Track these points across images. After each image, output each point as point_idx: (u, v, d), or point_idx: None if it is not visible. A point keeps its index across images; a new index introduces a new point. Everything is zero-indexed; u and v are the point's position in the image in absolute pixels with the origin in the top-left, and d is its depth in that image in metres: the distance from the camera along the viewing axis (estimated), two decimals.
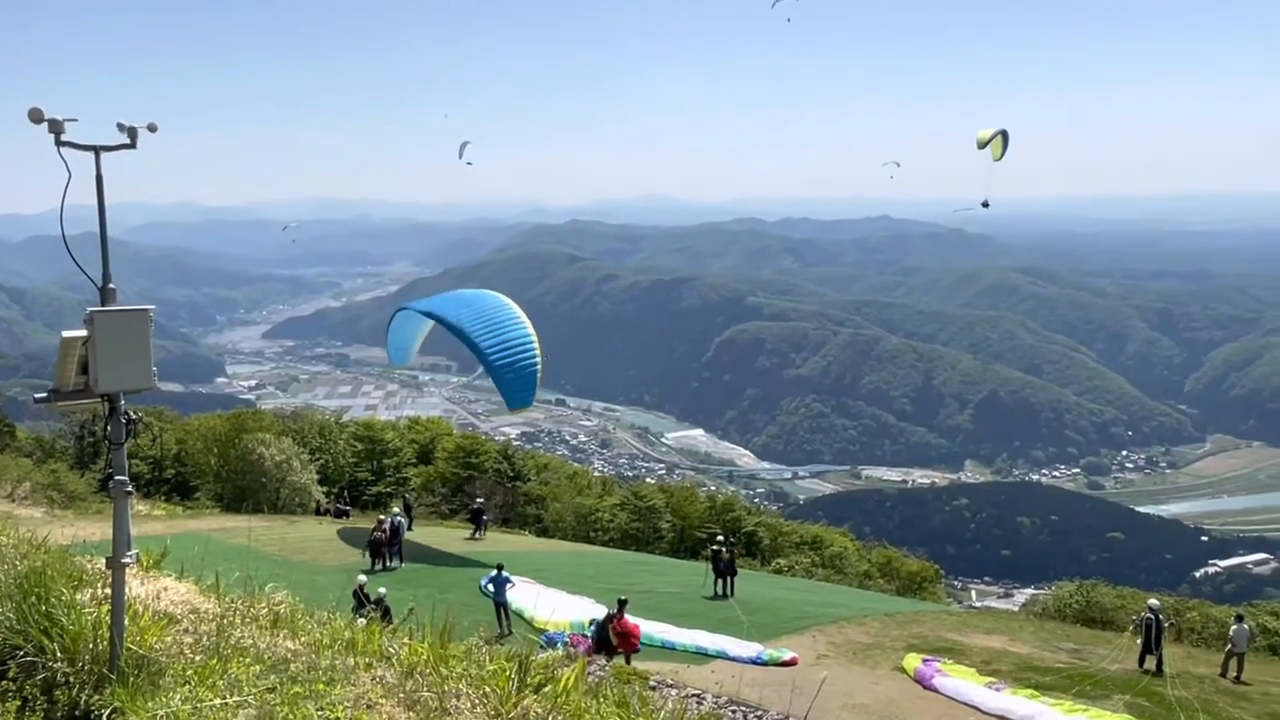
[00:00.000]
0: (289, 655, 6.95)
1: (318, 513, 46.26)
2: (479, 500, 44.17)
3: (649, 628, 24.25)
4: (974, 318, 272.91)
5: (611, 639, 20.57)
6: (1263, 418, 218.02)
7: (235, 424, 50.99)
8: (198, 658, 6.60)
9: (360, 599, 21.04)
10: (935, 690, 21.03)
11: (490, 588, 25.62)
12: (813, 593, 35.66)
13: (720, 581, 29.99)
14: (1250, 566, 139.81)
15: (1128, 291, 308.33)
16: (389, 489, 53.54)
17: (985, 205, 36.55)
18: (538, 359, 32.44)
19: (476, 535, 40.58)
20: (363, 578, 23.51)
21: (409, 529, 40.19)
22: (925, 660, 22.46)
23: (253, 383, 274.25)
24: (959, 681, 21.13)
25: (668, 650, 23.08)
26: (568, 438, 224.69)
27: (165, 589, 8.70)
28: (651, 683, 19.64)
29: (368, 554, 31.81)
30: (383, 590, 21.93)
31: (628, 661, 20.57)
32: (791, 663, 22.35)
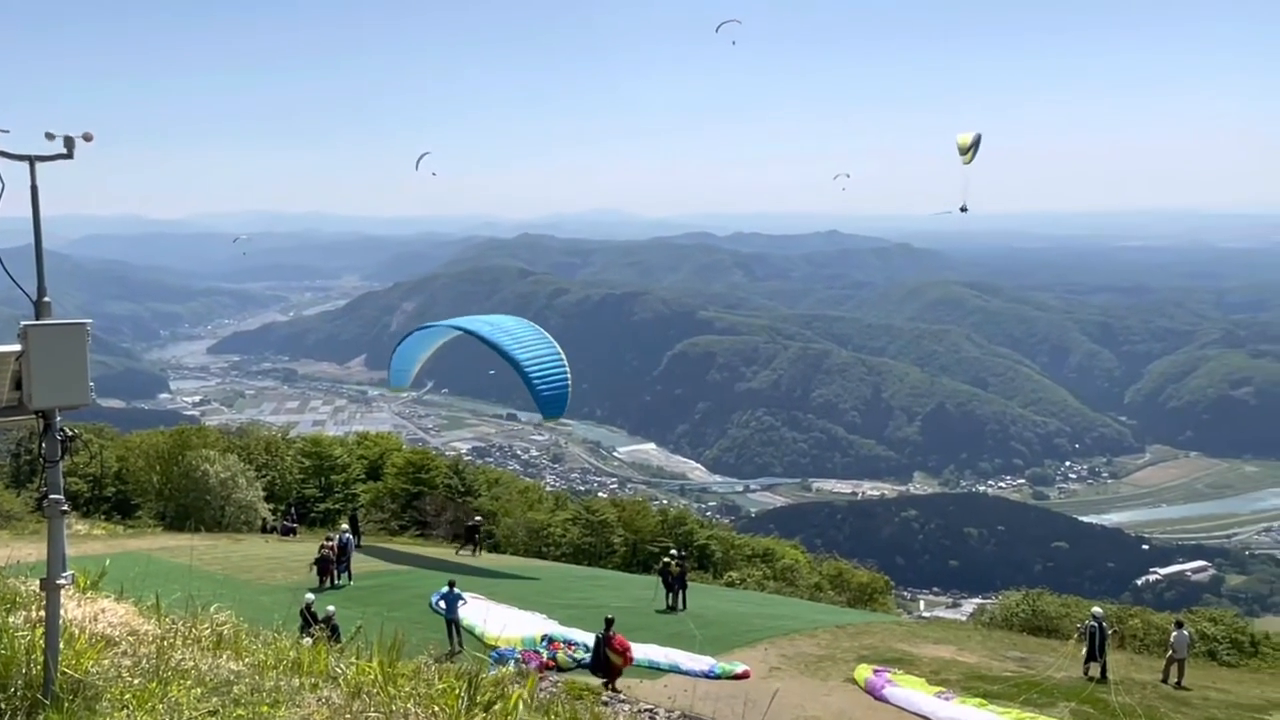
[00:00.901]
0: (232, 677, 6.82)
1: (263, 530, 45.48)
2: (477, 517, 44.65)
3: None
4: (921, 331, 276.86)
5: (614, 659, 20.46)
6: (1199, 428, 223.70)
7: (178, 441, 49.98)
8: (136, 681, 6.44)
9: (307, 618, 20.70)
10: (886, 701, 21.17)
11: (441, 605, 25.33)
12: (765, 605, 35.76)
13: (672, 595, 29.96)
14: (1189, 574, 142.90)
15: (1070, 305, 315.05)
16: (337, 505, 52.80)
17: (963, 210, 37.06)
18: (568, 373, 33.68)
19: (471, 551, 40.95)
20: (310, 596, 23.14)
21: (357, 545, 39.77)
22: (876, 671, 22.61)
23: (197, 399, 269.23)
24: (909, 692, 21.30)
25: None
26: (519, 452, 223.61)
27: (103, 610, 8.49)
28: (604, 698, 19.55)
29: (315, 572, 31.33)
30: (331, 609, 21.59)
31: (615, 680, 20.51)
32: (744, 676, 22.37)
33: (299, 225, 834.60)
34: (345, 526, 36.11)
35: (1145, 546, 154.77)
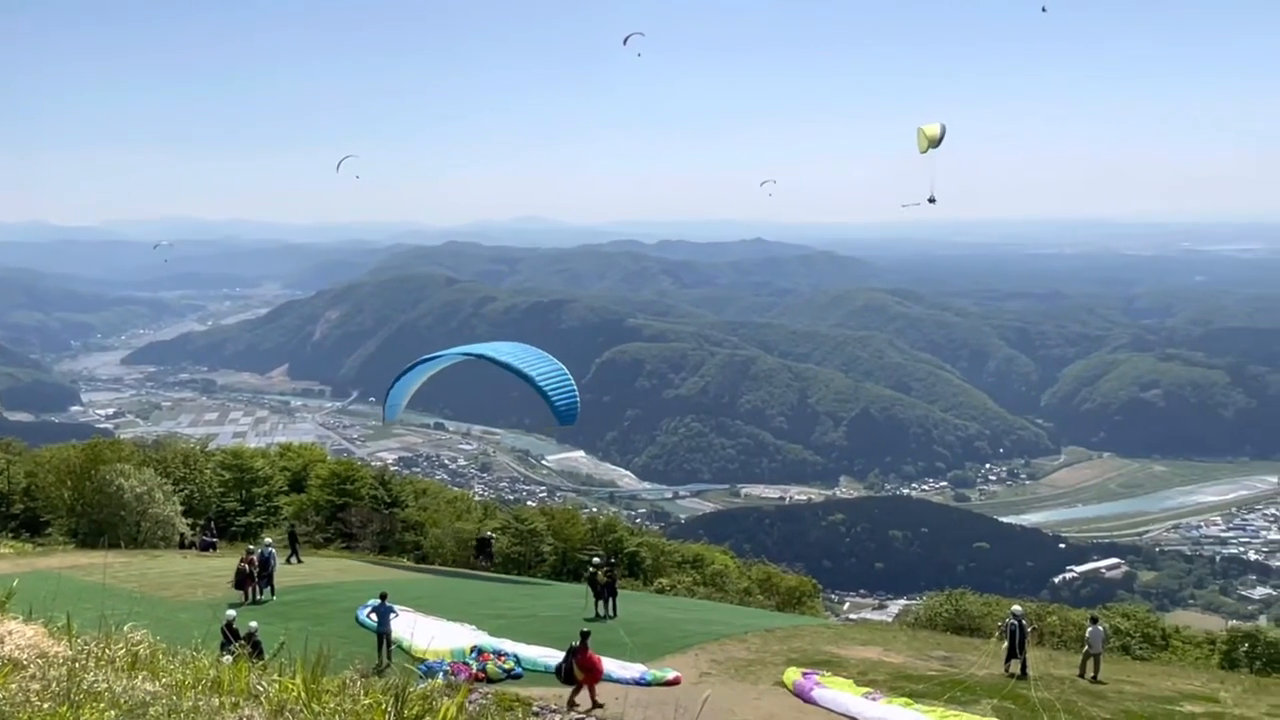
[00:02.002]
0: (148, 698, 6.62)
1: (182, 546, 44.21)
2: (490, 533, 44.69)
3: (531, 652, 23.98)
4: (845, 337, 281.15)
5: (577, 673, 20.23)
6: (1111, 430, 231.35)
7: (91, 455, 48.27)
8: (46, 706, 6.20)
9: (229, 635, 20.18)
10: (814, 703, 21.39)
11: (372, 618, 24.91)
12: (695, 611, 35.90)
13: (601, 602, 29.88)
14: (1104, 571, 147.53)
15: (988, 312, 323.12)
16: (259, 519, 51.62)
17: (932, 200, 37.56)
18: (574, 384, 34.86)
19: (485, 564, 42.11)
20: (231, 612, 22.55)
21: (299, 560, 39.09)
22: (805, 673, 22.84)
23: (111, 411, 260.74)
24: (837, 693, 21.55)
25: (551, 675, 22.86)
26: (447, 462, 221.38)
27: (10, 632, 8.18)
28: (535, 708, 19.42)
29: (236, 587, 30.54)
30: (253, 624, 21.07)
31: (592, 693, 20.28)
32: (675, 682, 22.41)
33: (217, 233, 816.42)
34: (268, 540, 35.25)
35: (1062, 545, 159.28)
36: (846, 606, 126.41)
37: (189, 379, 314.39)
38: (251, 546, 33.35)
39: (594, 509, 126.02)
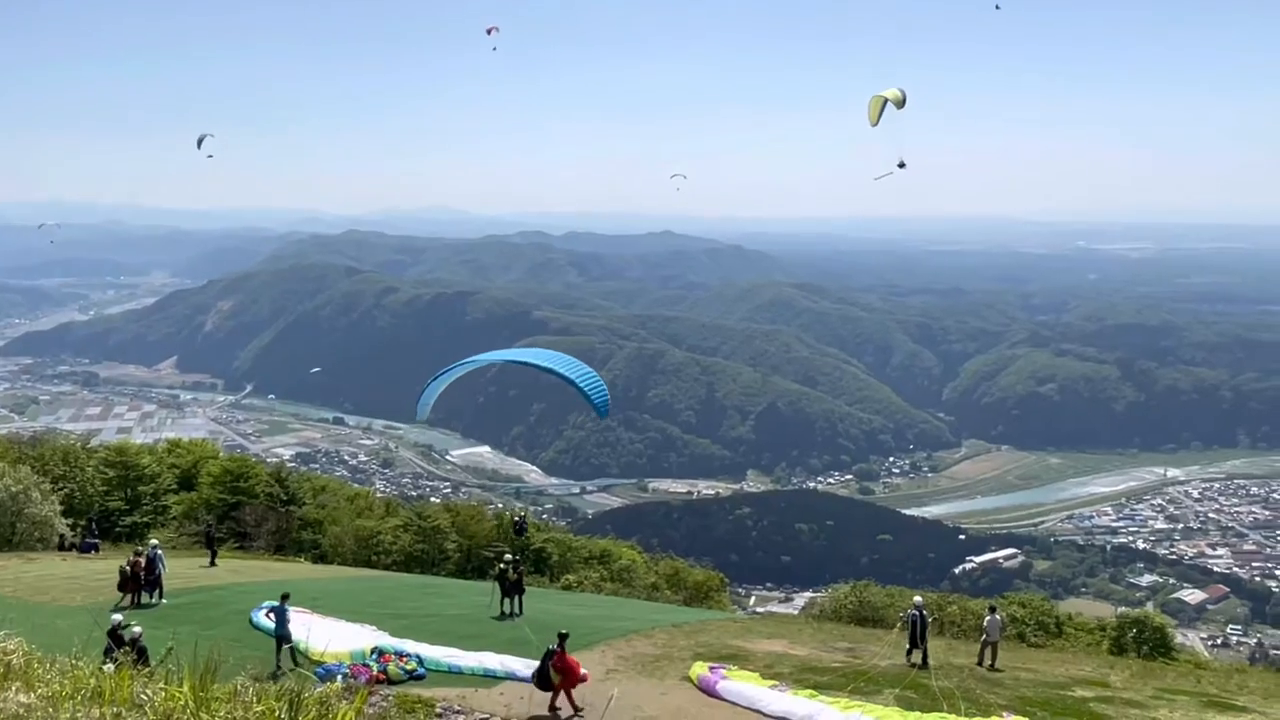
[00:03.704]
0: (21, 711, 6.14)
1: (61, 548, 42.16)
2: (520, 515, 44.41)
3: (434, 652, 23.46)
4: (753, 331, 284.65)
5: (553, 676, 19.66)
6: (1009, 423, 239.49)
7: None
8: None
9: (115, 641, 19.19)
10: (720, 696, 21.42)
11: (270, 619, 24.01)
12: (602, 607, 35.76)
13: (508, 601, 29.50)
14: (1001, 561, 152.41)
15: (892, 307, 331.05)
16: (145, 519, 49.59)
17: (901, 165, 38.28)
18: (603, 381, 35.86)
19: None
20: (117, 617, 21.44)
21: (214, 564, 37.67)
22: (711, 668, 22.86)
23: None
24: (743, 686, 21.62)
25: (454, 674, 22.40)
26: (347, 458, 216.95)
27: None
28: (438, 709, 19.00)
29: (119, 589, 29.14)
30: (137, 629, 20.06)
31: (570, 697, 19.75)
32: (582, 679, 22.18)
33: (100, 217, 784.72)
34: (154, 541, 33.79)
35: (962, 536, 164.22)
36: (753, 600, 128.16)
37: (69, 371, 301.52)
38: (140, 548, 31.92)
39: (499, 505, 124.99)
